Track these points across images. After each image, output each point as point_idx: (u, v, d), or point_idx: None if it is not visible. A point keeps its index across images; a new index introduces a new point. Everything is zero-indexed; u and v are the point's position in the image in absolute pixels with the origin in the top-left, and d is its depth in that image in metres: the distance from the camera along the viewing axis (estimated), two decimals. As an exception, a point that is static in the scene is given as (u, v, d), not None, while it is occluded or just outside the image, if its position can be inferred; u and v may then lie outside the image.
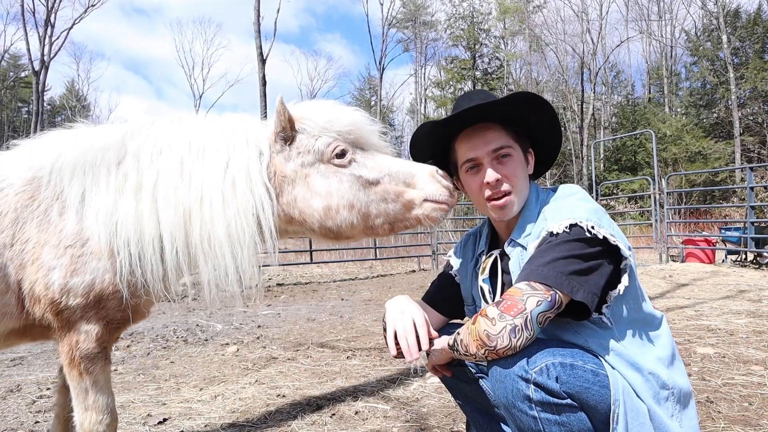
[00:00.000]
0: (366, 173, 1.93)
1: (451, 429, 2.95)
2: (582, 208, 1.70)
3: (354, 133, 1.97)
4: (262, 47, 25.02)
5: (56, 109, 51.22)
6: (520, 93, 1.86)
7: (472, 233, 2.24)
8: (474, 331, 1.59)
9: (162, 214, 1.86)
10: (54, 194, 1.89)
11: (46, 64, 33.72)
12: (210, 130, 2.00)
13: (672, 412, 1.67)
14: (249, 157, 1.93)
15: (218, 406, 3.52)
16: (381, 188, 1.93)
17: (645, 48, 44.68)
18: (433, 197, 1.92)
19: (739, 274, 9.79)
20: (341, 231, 1.95)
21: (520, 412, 1.57)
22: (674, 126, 32.94)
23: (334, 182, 1.92)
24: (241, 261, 1.85)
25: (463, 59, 45.83)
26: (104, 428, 1.97)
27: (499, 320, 1.53)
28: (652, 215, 14.53)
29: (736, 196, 23.50)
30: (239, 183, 1.87)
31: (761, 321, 5.48)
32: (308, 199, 1.93)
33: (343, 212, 1.91)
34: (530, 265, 1.65)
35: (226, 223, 1.83)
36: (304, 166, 1.94)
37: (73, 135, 2.03)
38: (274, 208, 1.92)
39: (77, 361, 1.90)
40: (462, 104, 1.89)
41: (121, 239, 1.83)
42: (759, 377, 3.61)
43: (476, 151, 1.85)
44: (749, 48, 35.92)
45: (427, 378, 3.92)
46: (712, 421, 2.87)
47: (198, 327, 6.60)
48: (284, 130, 1.94)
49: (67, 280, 1.83)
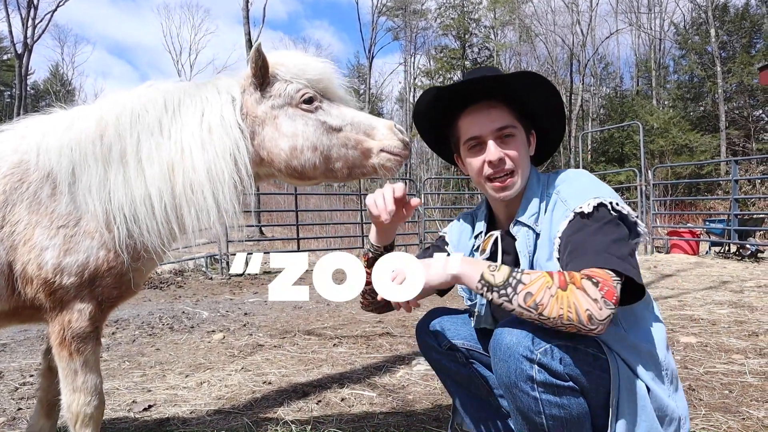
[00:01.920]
0: (330, 120, 2.05)
1: (437, 416, 2.97)
2: (600, 188, 1.70)
3: (323, 82, 2.08)
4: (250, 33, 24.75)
5: (40, 94, 50.45)
6: (529, 72, 1.84)
7: (469, 213, 2.21)
8: (566, 300, 1.45)
9: (148, 172, 1.92)
10: (42, 175, 1.90)
11: (30, 47, 33.14)
12: (182, 89, 2.08)
13: (669, 393, 1.68)
14: (222, 103, 2.02)
15: (204, 393, 3.51)
16: (343, 135, 2.05)
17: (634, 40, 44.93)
18: (389, 148, 2.04)
19: (722, 266, 9.93)
20: (305, 171, 2.05)
21: (521, 393, 1.55)
22: (661, 118, 33.24)
23: (300, 125, 2.02)
24: (222, 199, 1.93)
25: (453, 49, 45.75)
26: (92, 410, 1.96)
27: (604, 305, 1.44)
28: (638, 206, 14.65)
29: (720, 188, 23.77)
30: (215, 128, 1.96)
31: (743, 311, 5.56)
32: (276, 139, 2.03)
33: (307, 153, 2.02)
34: (586, 248, 1.57)
35: (206, 167, 1.92)
36: (274, 108, 2.05)
37: (53, 117, 2.05)
38: (249, 148, 2.01)
39: (68, 341, 1.90)
40: (470, 76, 1.86)
41: (115, 206, 1.88)
42: (739, 366, 3.67)
43: (480, 129, 1.83)
44: (736, 42, 36.27)
45: (414, 366, 3.93)
46: (694, 408, 2.91)
47: (184, 314, 6.56)
48: (258, 74, 2.02)
49: (61, 260, 1.84)
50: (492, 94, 1.85)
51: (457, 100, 1.90)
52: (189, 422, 2.98)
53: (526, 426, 1.62)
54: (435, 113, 1.98)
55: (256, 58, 1.99)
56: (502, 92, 1.85)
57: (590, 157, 36.49)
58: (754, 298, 6.37)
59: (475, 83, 1.82)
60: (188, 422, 2.98)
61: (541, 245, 1.76)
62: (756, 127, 34.74)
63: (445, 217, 18.76)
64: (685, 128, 32.85)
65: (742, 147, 33.83)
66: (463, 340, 2.10)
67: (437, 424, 2.85)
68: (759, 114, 35.92)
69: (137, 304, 7.36)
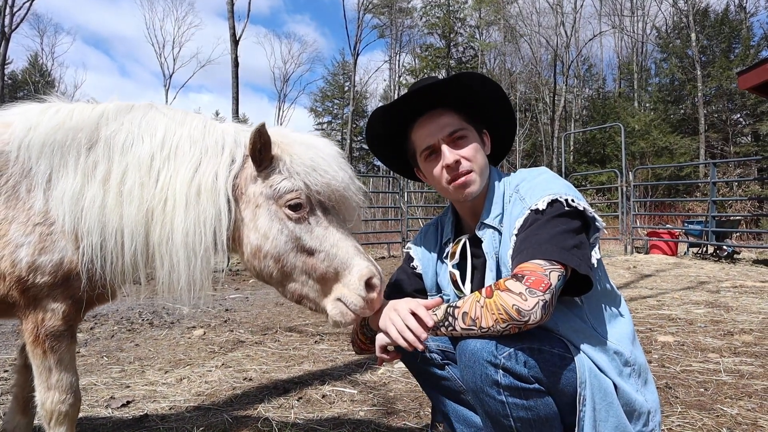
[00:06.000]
0: (307, 239, 1.82)
1: (418, 413, 2.98)
2: (556, 184, 1.74)
3: (324, 195, 1.86)
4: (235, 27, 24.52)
5: (18, 84, 49.42)
6: (464, 73, 1.88)
7: (432, 223, 2.24)
8: (494, 305, 1.54)
9: (126, 209, 1.81)
10: (22, 170, 1.84)
11: (7, 36, 32.44)
12: (188, 127, 1.92)
13: (637, 387, 1.71)
14: (220, 163, 1.86)
15: (183, 389, 3.48)
16: (311, 261, 1.81)
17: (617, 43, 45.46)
18: (345, 300, 1.78)
19: (700, 266, 10.10)
20: (262, 275, 1.88)
21: (488, 397, 1.57)
22: (643, 120, 33.69)
23: (275, 229, 1.82)
24: (194, 270, 1.80)
25: (438, 48, 45.81)
26: (67, 408, 1.93)
27: (529, 295, 1.50)
28: (618, 207, 14.83)
29: (699, 190, 24.16)
30: (203, 191, 1.81)
31: (719, 311, 5.66)
32: (249, 228, 1.85)
33: (269, 260, 1.83)
34: (528, 242, 1.64)
35: (185, 230, 1.78)
36: (261, 195, 1.85)
37: (45, 109, 1.94)
38: (230, 224, 1.85)
39: (42, 339, 1.85)
40: (412, 89, 1.90)
41: (85, 226, 1.79)
42: (715, 364, 3.74)
43: (432, 137, 1.88)
44: (716, 47, 36.90)
45: (395, 363, 3.94)
46: (670, 406, 2.96)
47: (164, 310, 6.50)
48: (256, 157, 1.84)
49: (35, 258, 1.79)
50: (437, 103, 1.90)
51: (406, 115, 1.95)
52: (168, 419, 2.95)
53: (495, 430, 1.64)
54: (389, 128, 2.02)
55: (255, 140, 1.78)
56: (446, 98, 1.90)
57: (573, 157, 36.85)
58: (729, 298, 6.49)
59: (416, 94, 1.86)
60: (167, 419, 2.95)
61: (504, 244, 1.80)
62: (734, 130, 35.37)
63: (428, 215, 18.81)
64: (666, 130, 33.33)
65: (720, 150, 34.42)
66: (438, 342, 2.11)
67: (418, 421, 2.86)
68: (737, 118, 36.56)
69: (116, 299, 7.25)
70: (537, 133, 40.93)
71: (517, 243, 1.70)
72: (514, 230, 1.73)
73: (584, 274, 1.59)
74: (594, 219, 1.72)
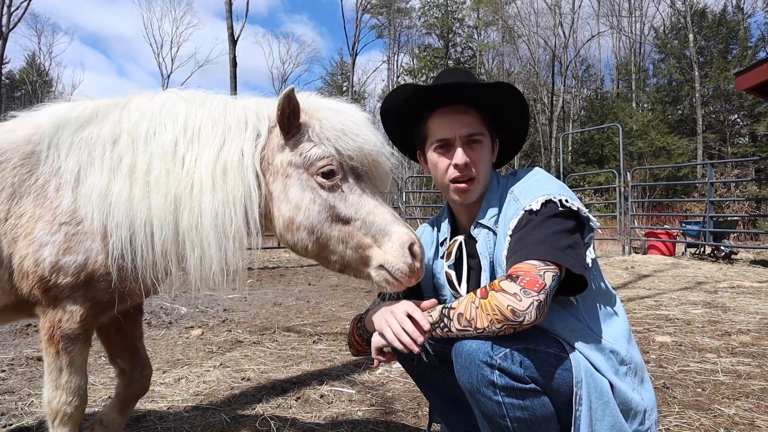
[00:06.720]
0: (341, 207, 1.76)
1: (416, 413, 2.98)
2: (550, 185, 1.76)
3: (357, 161, 1.79)
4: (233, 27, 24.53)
5: (15, 84, 49.37)
6: (506, 85, 1.87)
7: (428, 223, 2.24)
8: (489, 306, 1.54)
9: (153, 199, 1.77)
10: (52, 170, 1.84)
11: (5, 36, 32.39)
12: (208, 108, 1.88)
13: (633, 386, 1.72)
14: (245, 139, 1.81)
15: (181, 389, 3.47)
16: (347, 230, 1.75)
17: (615, 43, 45.48)
18: (389, 268, 1.72)
19: (698, 267, 10.13)
20: (297, 248, 1.83)
21: (484, 398, 1.58)
22: (641, 121, 33.73)
23: (307, 199, 1.76)
24: (225, 252, 1.74)
25: (436, 48, 45.89)
26: (72, 410, 1.93)
27: (524, 296, 1.51)
28: (616, 207, 14.85)
29: (696, 191, 24.17)
30: (230, 169, 1.76)
31: (716, 311, 5.68)
32: (280, 200, 1.80)
33: (302, 232, 1.77)
34: (523, 243, 1.65)
35: (213, 212, 1.73)
36: (291, 165, 1.79)
37: (72, 108, 1.94)
38: (261, 200, 1.80)
39: (57, 339, 1.85)
40: (445, 78, 1.88)
41: (114, 221, 1.76)
42: (712, 364, 3.74)
43: (451, 131, 1.85)
44: (714, 48, 36.97)
45: (392, 363, 3.94)
46: (668, 406, 2.97)
47: (162, 309, 6.49)
48: (284, 124, 1.79)
49: (59, 258, 1.77)
50: (465, 99, 1.88)
51: (431, 100, 1.92)
52: (166, 418, 2.95)
53: (492, 430, 1.64)
54: (407, 109, 1.98)
55: (284, 106, 1.73)
56: (476, 99, 1.88)
57: (571, 158, 36.88)
58: (727, 298, 6.51)
59: (457, 88, 1.84)
60: (165, 418, 2.95)
61: (499, 245, 1.80)
62: (731, 131, 35.42)
63: (426, 215, 18.80)
64: (664, 131, 33.38)
65: (718, 150, 34.48)
66: (434, 343, 2.11)
67: (416, 421, 2.86)
68: (734, 118, 36.64)
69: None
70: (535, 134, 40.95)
71: (511, 244, 1.71)
72: (508, 231, 1.73)
73: (579, 274, 1.59)
74: (588, 219, 1.73)
